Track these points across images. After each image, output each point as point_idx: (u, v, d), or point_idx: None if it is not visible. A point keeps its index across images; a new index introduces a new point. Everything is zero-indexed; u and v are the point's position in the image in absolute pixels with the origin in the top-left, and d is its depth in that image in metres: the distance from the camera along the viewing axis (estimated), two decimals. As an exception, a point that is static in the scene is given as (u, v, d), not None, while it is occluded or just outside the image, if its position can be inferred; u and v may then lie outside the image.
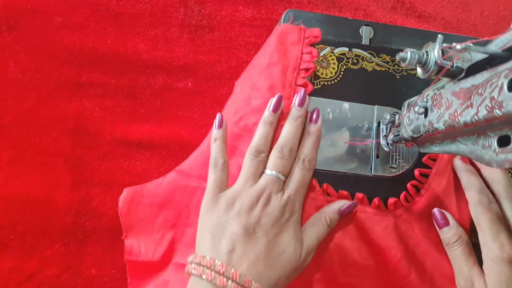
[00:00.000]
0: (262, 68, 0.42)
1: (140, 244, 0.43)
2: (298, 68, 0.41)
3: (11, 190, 0.46)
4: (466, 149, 0.27)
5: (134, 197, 0.44)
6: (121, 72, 0.49)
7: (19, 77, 0.48)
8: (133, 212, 0.44)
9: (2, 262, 0.45)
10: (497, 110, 0.22)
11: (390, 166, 0.41)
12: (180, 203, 0.43)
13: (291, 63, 0.41)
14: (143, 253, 0.43)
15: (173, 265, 0.42)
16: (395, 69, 0.43)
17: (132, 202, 0.44)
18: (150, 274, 0.43)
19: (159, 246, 0.43)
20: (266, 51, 0.43)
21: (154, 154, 0.48)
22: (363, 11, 0.52)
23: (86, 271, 0.46)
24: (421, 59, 0.27)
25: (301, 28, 0.42)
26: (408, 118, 0.34)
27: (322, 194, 0.39)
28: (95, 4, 0.50)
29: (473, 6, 0.54)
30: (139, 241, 0.43)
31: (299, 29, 0.42)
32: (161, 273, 0.42)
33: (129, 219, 0.44)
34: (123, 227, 0.44)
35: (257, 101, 0.40)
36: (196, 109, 0.49)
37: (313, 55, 0.41)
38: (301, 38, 0.42)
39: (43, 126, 0.47)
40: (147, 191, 0.44)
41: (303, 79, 0.40)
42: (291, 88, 0.40)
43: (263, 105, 0.40)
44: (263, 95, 0.40)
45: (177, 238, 0.43)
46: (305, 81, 0.40)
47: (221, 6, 0.51)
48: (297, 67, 0.41)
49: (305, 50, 0.42)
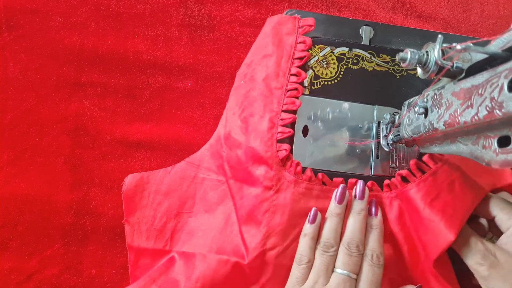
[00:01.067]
0: (258, 59, 0.43)
1: (142, 231, 0.44)
2: (292, 58, 0.41)
3: (11, 190, 0.46)
4: (466, 150, 0.27)
5: (140, 182, 0.45)
6: (121, 72, 0.49)
7: (19, 77, 0.48)
8: (137, 197, 0.44)
9: (2, 262, 0.45)
10: (497, 111, 0.22)
11: (390, 166, 0.41)
12: (186, 193, 0.44)
13: (285, 53, 0.41)
14: (144, 239, 0.44)
15: (175, 253, 0.42)
16: (395, 69, 0.43)
17: (138, 186, 0.45)
18: (151, 262, 0.44)
19: (161, 234, 0.43)
20: (262, 42, 0.44)
21: (154, 154, 0.48)
22: (363, 11, 0.52)
23: (86, 271, 0.46)
24: (421, 59, 0.27)
25: (295, 18, 0.43)
26: (408, 118, 0.34)
27: (318, 183, 0.39)
28: (95, 4, 0.50)
29: (473, 6, 0.54)
30: (140, 227, 0.44)
31: (293, 19, 0.43)
32: (162, 260, 0.43)
33: (132, 203, 0.45)
34: (124, 210, 0.45)
35: (254, 93, 0.41)
36: (196, 109, 0.49)
37: (307, 44, 0.42)
38: (295, 27, 0.42)
39: (43, 126, 0.47)
40: (153, 177, 0.45)
41: (296, 68, 0.41)
42: (284, 78, 0.41)
43: (260, 96, 0.40)
44: (259, 86, 0.41)
45: (179, 228, 0.44)
46: (298, 70, 0.41)
47: (221, 6, 0.51)
48: (291, 56, 0.41)
49: (299, 40, 0.42)
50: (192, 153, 0.47)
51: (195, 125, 0.49)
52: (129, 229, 0.44)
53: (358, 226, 0.38)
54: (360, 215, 0.38)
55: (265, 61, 0.42)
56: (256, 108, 0.40)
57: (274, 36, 0.42)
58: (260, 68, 0.42)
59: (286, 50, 0.42)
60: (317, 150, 0.41)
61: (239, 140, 0.41)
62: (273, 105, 0.40)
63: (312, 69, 0.42)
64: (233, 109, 0.43)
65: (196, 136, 0.48)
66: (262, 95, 0.40)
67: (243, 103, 0.42)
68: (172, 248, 0.43)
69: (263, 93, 0.40)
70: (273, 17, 0.44)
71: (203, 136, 0.48)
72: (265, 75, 0.41)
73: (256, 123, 0.40)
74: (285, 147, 0.39)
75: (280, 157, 0.39)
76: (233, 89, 0.46)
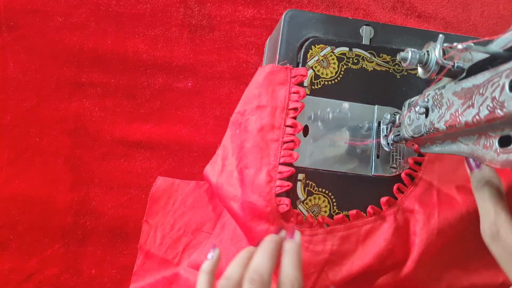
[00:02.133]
0: (251, 109, 0.42)
1: (157, 236, 0.44)
2: (287, 109, 0.41)
3: (11, 190, 0.46)
4: (467, 149, 0.27)
5: (169, 188, 0.45)
6: (121, 72, 0.49)
7: (19, 77, 0.48)
8: (163, 202, 0.45)
9: (2, 262, 0.45)
10: (498, 110, 0.22)
11: (390, 166, 0.41)
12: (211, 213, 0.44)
13: (279, 104, 0.41)
14: (157, 245, 0.44)
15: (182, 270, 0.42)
16: (396, 69, 0.43)
17: (166, 191, 0.45)
18: (156, 268, 0.44)
19: (174, 245, 0.44)
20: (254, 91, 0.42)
21: (154, 154, 0.48)
22: (363, 11, 0.52)
23: (86, 271, 0.45)
24: (422, 59, 0.27)
25: (287, 68, 0.42)
26: (409, 118, 0.34)
27: (321, 226, 0.39)
28: (95, 4, 0.50)
29: (473, 6, 0.54)
30: (156, 232, 0.44)
31: (285, 69, 0.42)
32: (166, 271, 0.43)
33: (156, 206, 0.45)
34: (147, 210, 0.46)
35: (249, 144, 0.40)
36: (196, 109, 0.49)
37: (301, 95, 0.41)
38: (288, 77, 0.42)
39: (43, 126, 0.47)
40: (183, 187, 0.45)
41: (292, 119, 0.40)
42: (280, 130, 0.40)
43: (254, 148, 0.40)
44: (254, 138, 0.40)
45: (193, 245, 0.44)
46: (294, 121, 0.40)
47: (221, 6, 0.51)
48: (286, 107, 0.41)
49: (292, 90, 0.41)
50: (192, 153, 0.47)
51: (195, 125, 0.49)
52: (146, 229, 0.45)
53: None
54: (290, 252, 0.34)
55: (259, 112, 0.41)
56: (252, 160, 0.39)
57: (267, 87, 0.41)
58: (254, 119, 0.41)
59: (280, 101, 0.41)
60: (317, 150, 0.41)
61: (233, 193, 0.40)
62: (270, 157, 0.39)
63: (312, 69, 0.42)
64: (229, 158, 0.42)
65: (196, 136, 0.48)
66: (258, 147, 0.40)
67: (238, 154, 0.41)
68: (180, 263, 0.43)
69: (258, 145, 0.40)
70: (264, 67, 0.43)
71: (203, 136, 0.48)
72: (259, 126, 0.40)
73: (252, 176, 0.39)
74: (285, 201, 0.38)
75: (281, 211, 0.38)
76: (229, 137, 0.44)
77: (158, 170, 0.48)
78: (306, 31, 0.43)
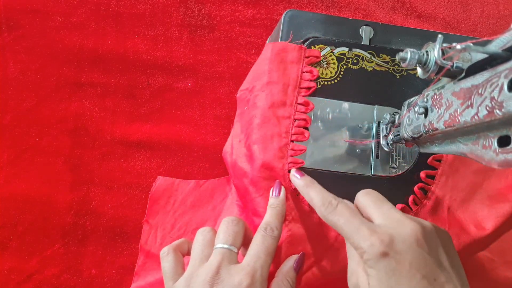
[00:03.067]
0: (261, 85, 0.41)
1: (157, 236, 0.45)
2: (299, 87, 0.41)
3: (11, 190, 0.46)
4: (466, 149, 0.27)
5: (169, 188, 0.45)
6: (121, 72, 0.49)
7: (19, 77, 0.48)
8: (163, 201, 0.45)
9: (2, 262, 0.45)
10: (497, 110, 0.22)
11: (390, 166, 0.41)
12: (211, 213, 0.44)
13: (291, 82, 0.40)
14: (157, 245, 0.44)
15: None
16: (395, 69, 0.43)
17: (166, 191, 0.45)
18: (157, 267, 0.44)
19: None
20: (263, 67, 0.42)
21: (154, 154, 0.48)
22: (363, 11, 0.52)
23: (86, 271, 0.46)
24: (421, 59, 0.27)
25: (301, 47, 0.41)
26: (408, 118, 0.34)
27: None
28: (95, 4, 0.50)
29: (473, 6, 0.54)
30: (157, 232, 0.45)
31: (299, 48, 0.41)
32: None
33: (157, 206, 0.45)
34: (147, 210, 0.46)
35: (258, 120, 0.40)
36: (196, 109, 0.49)
37: (314, 74, 0.41)
38: (301, 57, 0.41)
39: (43, 126, 0.47)
40: (183, 186, 0.45)
41: (303, 97, 0.40)
42: (292, 107, 0.40)
43: (266, 125, 0.39)
44: (265, 114, 0.39)
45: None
46: (305, 99, 0.40)
47: (221, 6, 0.51)
48: (298, 85, 0.40)
49: (305, 69, 0.41)
50: (192, 153, 0.47)
51: (195, 125, 0.49)
52: (146, 230, 0.45)
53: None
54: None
55: (269, 88, 0.40)
56: (261, 136, 0.39)
57: (279, 63, 0.41)
58: (263, 95, 0.40)
59: (292, 79, 0.40)
60: (317, 150, 0.41)
61: (244, 169, 0.39)
62: (281, 134, 0.39)
63: (312, 69, 0.42)
64: (238, 136, 0.42)
65: (196, 136, 0.48)
66: (269, 123, 0.39)
67: (247, 131, 0.40)
68: None
69: (270, 121, 0.39)
70: (276, 43, 0.42)
71: (203, 136, 0.48)
72: (270, 103, 0.39)
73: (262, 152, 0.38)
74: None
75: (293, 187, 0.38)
76: (237, 115, 0.44)
77: (158, 170, 0.48)
78: (305, 31, 0.43)
